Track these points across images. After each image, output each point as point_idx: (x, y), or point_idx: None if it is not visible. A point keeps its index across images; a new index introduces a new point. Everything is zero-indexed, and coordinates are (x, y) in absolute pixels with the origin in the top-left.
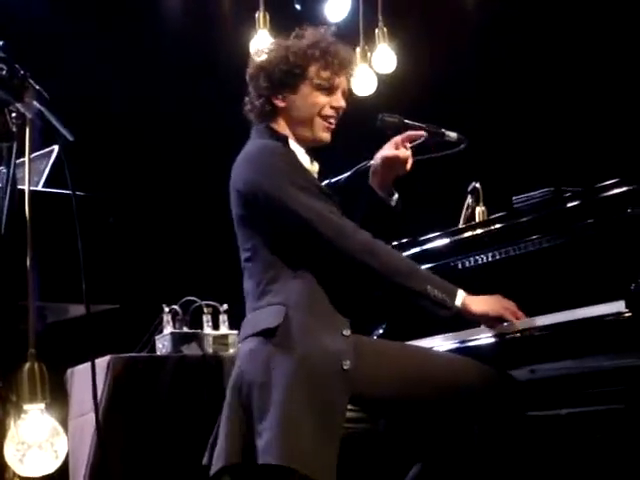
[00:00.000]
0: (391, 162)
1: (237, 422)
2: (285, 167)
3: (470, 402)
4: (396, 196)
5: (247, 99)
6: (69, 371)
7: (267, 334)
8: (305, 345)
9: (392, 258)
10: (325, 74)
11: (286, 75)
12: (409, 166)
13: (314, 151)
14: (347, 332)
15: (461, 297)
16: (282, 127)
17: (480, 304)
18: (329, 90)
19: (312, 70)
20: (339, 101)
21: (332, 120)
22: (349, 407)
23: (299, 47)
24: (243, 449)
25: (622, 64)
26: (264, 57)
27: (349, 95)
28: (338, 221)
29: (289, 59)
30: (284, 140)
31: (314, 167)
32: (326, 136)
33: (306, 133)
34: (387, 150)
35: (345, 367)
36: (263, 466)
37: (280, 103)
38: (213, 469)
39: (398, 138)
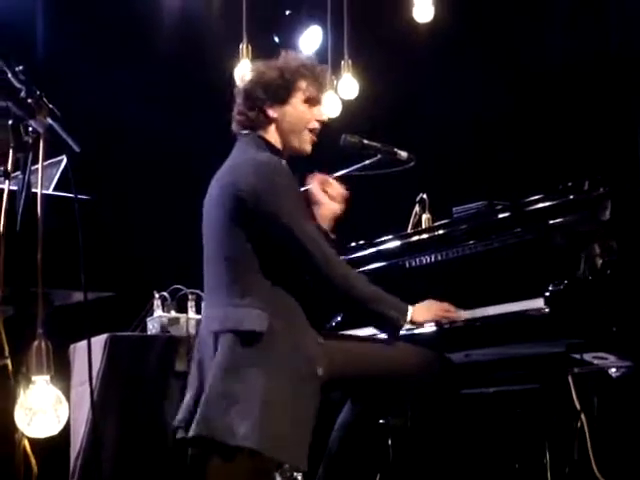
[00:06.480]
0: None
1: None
2: (295, 193)
3: (415, 379)
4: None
5: (239, 110)
6: (72, 347)
7: (253, 337)
8: (288, 350)
9: (365, 288)
10: (312, 89)
11: (280, 88)
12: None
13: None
14: (321, 340)
15: (410, 313)
16: (272, 137)
17: (423, 313)
18: (315, 103)
19: (302, 84)
20: (322, 114)
21: (316, 132)
22: None
23: (291, 65)
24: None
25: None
26: (259, 74)
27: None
28: (327, 251)
29: (283, 74)
30: (280, 155)
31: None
32: (309, 148)
33: (294, 143)
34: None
35: (319, 373)
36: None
37: (273, 114)
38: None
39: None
